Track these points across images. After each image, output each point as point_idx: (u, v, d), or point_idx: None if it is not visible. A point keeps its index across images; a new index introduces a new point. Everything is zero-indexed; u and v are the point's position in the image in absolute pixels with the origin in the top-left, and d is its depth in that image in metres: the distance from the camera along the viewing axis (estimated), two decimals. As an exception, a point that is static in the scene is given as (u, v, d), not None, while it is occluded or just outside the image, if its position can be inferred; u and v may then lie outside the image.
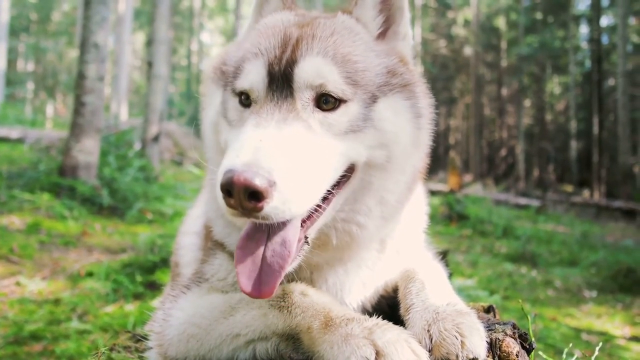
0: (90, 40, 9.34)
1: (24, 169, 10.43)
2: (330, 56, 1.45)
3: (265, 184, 1.18)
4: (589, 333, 6.99)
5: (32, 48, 44.36)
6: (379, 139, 1.47)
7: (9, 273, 5.83)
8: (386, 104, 1.50)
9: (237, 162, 1.20)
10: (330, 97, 1.43)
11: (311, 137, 1.38)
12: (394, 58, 1.56)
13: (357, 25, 1.59)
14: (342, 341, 1.27)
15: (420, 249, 1.92)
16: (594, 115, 36.16)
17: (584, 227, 18.18)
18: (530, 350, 1.44)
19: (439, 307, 1.41)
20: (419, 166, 1.66)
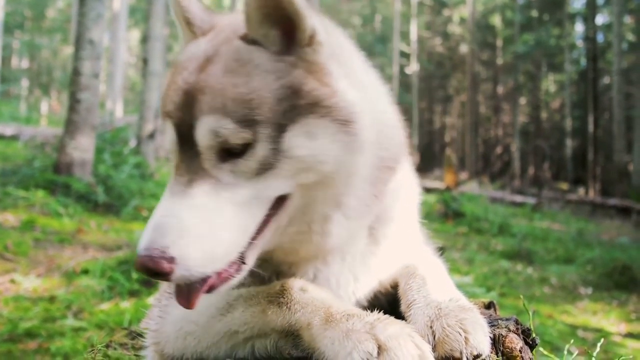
0: (85, 36, 9.29)
1: (18, 166, 10.39)
2: (220, 108, 1.36)
3: (163, 263, 1.26)
4: (585, 330, 7.02)
5: (26, 45, 44.22)
6: (298, 166, 1.38)
7: (4, 270, 5.81)
8: (296, 130, 1.37)
9: (140, 246, 1.29)
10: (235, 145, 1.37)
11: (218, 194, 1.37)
12: (300, 72, 1.40)
13: (250, 49, 1.44)
14: (343, 337, 1.25)
15: (419, 244, 1.89)
16: (589, 114, 36.28)
17: (580, 225, 18.26)
18: (534, 346, 1.43)
19: (442, 303, 1.38)
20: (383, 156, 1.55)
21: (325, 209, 1.47)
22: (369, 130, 1.46)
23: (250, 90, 1.36)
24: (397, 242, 1.74)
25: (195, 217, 1.33)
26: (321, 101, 1.38)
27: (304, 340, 1.36)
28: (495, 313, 1.81)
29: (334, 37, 1.56)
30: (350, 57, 1.58)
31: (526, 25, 41.93)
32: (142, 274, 1.32)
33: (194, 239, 1.30)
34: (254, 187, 1.38)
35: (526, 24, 41.93)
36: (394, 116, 1.68)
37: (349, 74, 1.50)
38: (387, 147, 1.56)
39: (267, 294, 1.49)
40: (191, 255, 1.29)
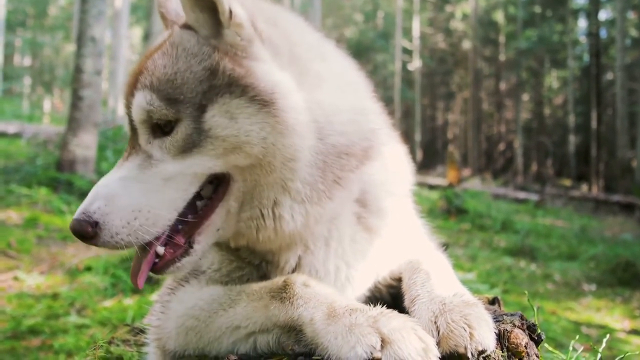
0: (87, 34, 9.30)
1: (21, 163, 10.41)
2: (148, 85, 1.48)
3: (87, 227, 1.40)
4: (589, 326, 6.99)
5: (28, 43, 44.27)
6: (223, 146, 1.44)
7: (7, 268, 5.82)
8: (215, 110, 1.44)
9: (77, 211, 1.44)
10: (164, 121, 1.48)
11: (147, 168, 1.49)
12: (218, 54, 1.48)
13: (183, 34, 1.54)
14: (346, 331, 1.24)
15: (422, 238, 1.88)
16: (593, 110, 36.19)
17: (583, 221, 18.21)
18: (539, 342, 1.41)
19: (446, 298, 1.37)
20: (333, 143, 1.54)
21: (272, 194, 1.50)
22: (302, 114, 1.48)
23: (175, 71, 1.47)
24: (397, 235, 1.74)
25: (123, 188, 1.46)
26: (236, 81, 1.45)
27: (306, 336, 1.35)
28: (499, 309, 1.80)
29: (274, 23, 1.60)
30: (297, 43, 1.61)
31: (529, 21, 41.80)
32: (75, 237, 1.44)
33: (119, 207, 1.42)
34: (181, 163, 1.46)
35: (529, 19, 41.80)
36: (363, 103, 1.68)
37: (285, 59, 1.54)
38: (344, 132, 1.56)
39: (270, 289, 1.49)
40: (114, 222, 1.41)
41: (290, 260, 1.63)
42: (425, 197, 20.14)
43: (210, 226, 1.51)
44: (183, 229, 1.52)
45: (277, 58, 1.52)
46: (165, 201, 1.46)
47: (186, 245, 1.51)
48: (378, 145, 1.65)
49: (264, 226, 1.53)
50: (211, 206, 1.52)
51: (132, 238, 1.43)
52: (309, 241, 1.62)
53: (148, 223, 1.44)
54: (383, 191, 1.69)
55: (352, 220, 1.66)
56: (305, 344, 1.36)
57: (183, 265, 1.51)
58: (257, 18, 1.53)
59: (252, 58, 1.49)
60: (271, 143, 1.44)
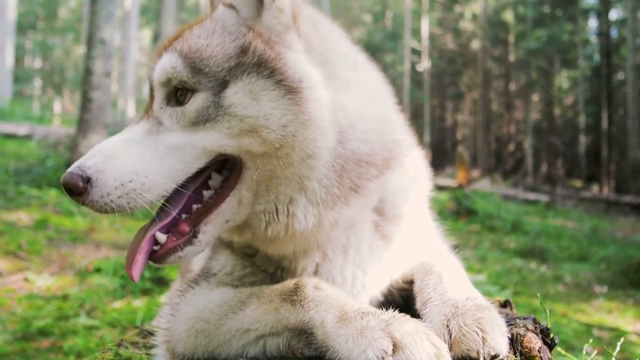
0: (96, 35, 9.34)
1: (31, 165, 10.47)
2: (177, 51, 1.49)
3: (78, 180, 1.37)
4: (600, 329, 6.92)
5: (39, 45, 44.60)
6: (240, 126, 1.43)
7: (17, 269, 5.84)
8: (238, 87, 1.44)
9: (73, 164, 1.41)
10: (182, 90, 1.48)
11: (154, 133, 1.48)
12: (252, 34, 1.50)
13: (225, 12, 1.57)
14: (357, 334, 1.23)
15: (435, 241, 1.87)
16: (603, 110, 35.94)
17: (594, 222, 18.07)
18: (553, 346, 1.39)
19: (458, 302, 1.36)
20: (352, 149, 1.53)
21: (289, 190, 1.49)
22: (326, 110, 1.47)
23: (207, 43, 1.49)
24: (411, 239, 1.73)
25: (124, 149, 1.44)
26: (265, 62, 1.45)
27: (317, 339, 1.34)
28: (512, 312, 1.78)
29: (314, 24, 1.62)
30: (331, 49, 1.62)
31: (539, 21, 41.57)
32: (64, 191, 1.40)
33: (115, 166, 1.40)
34: (191, 135, 1.45)
35: (539, 19, 41.58)
36: (387, 115, 1.67)
37: (317, 58, 1.55)
38: (365, 140, 1.55)
39: (281, 291, 1.49)
40: (108, 181, 1.38)
41: (307, 268, 1.62)
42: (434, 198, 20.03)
43: (219, 216, 1.49)
44: (189, 218, 1.50)
45: (310, 54, 1.53)
46: (165, 169, 1.43)
47: (191, 234, 1.48)
48: (399, 156, 1.65)
49: (276, 221, 1.51)
50: (222, 194, 1.49)
51: (123, 201, 1.39)
52: (327, 248, 1.61)
53: (143, 188, 1.41)
54: (401, 197, 1.69)
55: (369, 228, 1.65)
56: (315, 347, 1.35)
57: (185, 255, 1.48)
58: (300, 13, 1.56)
59: (286, 45, 1.50)
60: (291, 133, 1.43)
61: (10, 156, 12.34)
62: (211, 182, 1.53)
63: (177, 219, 1.49)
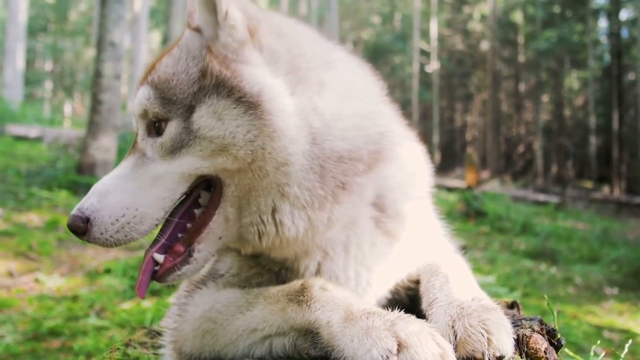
0: (106, 38, 9.40)
1: (42, 167, 10.56)
2: (149, 82, 1.54)
3: (79, 222, 1.47)
4: (611, 331, 6.88)
5: (49, 48, 44.95)
6: (211, 147, 1.46)
7: (28, 270, 5.89)
8: (203, 111, 1.47)
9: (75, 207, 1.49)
10: (157, 120, 1.53)
11: (139, 166, 1.54)
12: (210, 55, 1.51)
13: (190, 36, 1.58)
14: (363, 334, 1.24)
15: (441, 241, 1.87)
16: (614, 110, 35.68)
17: (604, 224, 17.94)
18: (559, 347, 1.39)
19: (464, 303, 1.36)
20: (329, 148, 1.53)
21: (269, 200, 1.50)
22: (293, 118, 1.48)
23: (173, 72, 1.52)
24: (416, 238, 1.72)
25: (115, 185, 1.51)
26: (222, 82, 1.47)
27: (323, 339, 1.35)
28: (519, 313, 1.78)
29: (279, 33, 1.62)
30: (299, 54, 1.61)
31: (548, 21, 41.37)
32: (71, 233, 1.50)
33: (109, 204, 1.47)
34: (169, 163, 1.49)
35: (548, 20, 41.37)
36: (370, 108, 1.66)
37: (283, 67, 1.55)
38: (344, 137, 1.55)
39: (287, 292, 1.49)
40: (104, 219, 1.46)
41: (310, 267, 1.62)
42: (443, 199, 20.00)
43: (209, 234, 1.53)
44: (182, 238, 1.54)
45: (273, 65, 1.54)
46: (153, 200, 1.49)
47: (186, 253, 1.52)
48: (390, 148, 1.64)
49: (266, 232, 1.53)
50: (208, 214, 1.53)
51: (120, 235, 1.47)
52: (327, 247, 1.61)
53: (135, 221, 1.47)
54: (401, 194, 1.68)
55: (370, 225, 1.65)
56: (321, 347, 1.35)
57: (184, 273, 1.53)
58: (261, 26, 1.57)
59: (242, 61, 1.51)
60: (259, 146, 1.45)
61: (21, 158, 12.45)
62: (201, 200, 1.57)
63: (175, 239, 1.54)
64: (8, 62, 24.77)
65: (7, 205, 8.18)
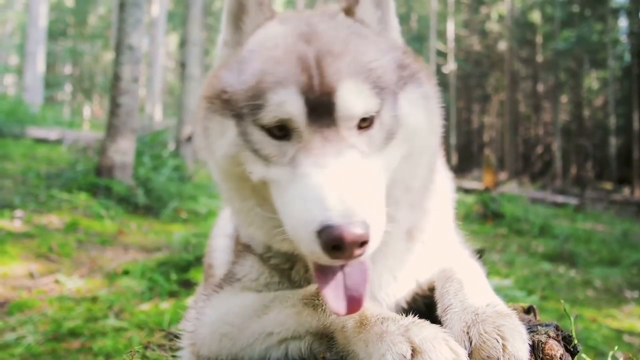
0: (125, 42, 9.49)
1: (62, 169, 10.67)
2: (359, 73, 1.38)
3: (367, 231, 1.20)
4: (631, 334, 6.79)
5: (69, 51, 45.46)
6: (405, 134, 1.45)
7: (48, 271, 5.96)
8: (404, 98, 1.46)
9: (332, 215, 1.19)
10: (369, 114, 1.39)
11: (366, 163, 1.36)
12: (399, 50, 1.55)
13: (361, 26, 1.55)
14: (377, 339, 1.24)
15: (456, 246, 1.87)
16: (635, 110, 35.21)
17: (625, 226, 17.70)
18: (575, 353, 1.38)
19: (479, 309, 1.36)
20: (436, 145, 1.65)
21: (398, 192, 1.51)
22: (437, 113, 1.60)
23: (374, 59, 1.43)
24: (433, 243, 1.73)
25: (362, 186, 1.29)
26: (415, 73, 1.52)
27: (338, 343, 1.36)
28: (535, 318, 1.77)
29: None
30: None
31: (567, 21, 40.95)
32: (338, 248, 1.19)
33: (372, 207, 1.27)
34: (382, 157, 1.40)
35: (567, 19, 40.95)
36: None
37: None
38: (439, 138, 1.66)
39: (303, 296, 1.51)
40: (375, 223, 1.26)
41: None
42: (461, 201, 19.87)
43: None
44: None
45: None
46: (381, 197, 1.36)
47: None
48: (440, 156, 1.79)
49: None
50: None
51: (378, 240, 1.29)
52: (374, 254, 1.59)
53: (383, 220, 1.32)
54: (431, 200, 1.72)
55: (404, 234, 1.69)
56: (336, 351, 1.37)
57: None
58: None
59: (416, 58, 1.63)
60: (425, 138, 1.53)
61: (41, 160, 12.62)
62: None
63: None
64: (28, 66, 25.12)
65: (27, 207, 8.29)
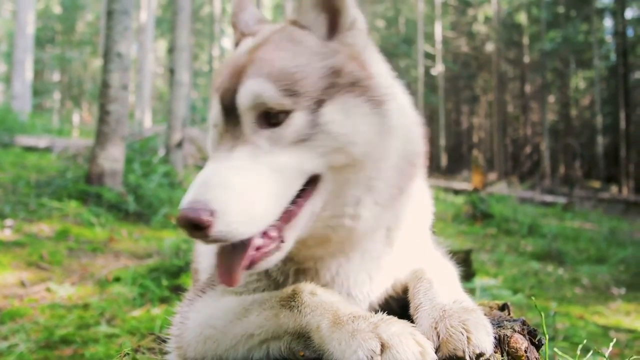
0: (113, 50, 9.51)
1: (52, 177, 10.65)
2: (264, 75, 1.49)
3: (205, 214, 1.31)
4: (617, 331, 6.89)
5: (57, 58, 45.23)
6: (332, 144, 1.48)
7: (40, 279, 5.98)
8: (334, 106, 1.49)
9: (184, 201, 1.36)
10: (274, 112, 1.48)
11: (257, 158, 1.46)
12: (342, 55, 1.56)
13: (301, 33, 1.61)
14: (349, 337, 1.31)
15: (428, 247, 1.95)
16: (621, 110, 35.56)
17: (612, 224, 17.90)
18: (540, 346, 1.47)
19: (446, 305, 1.44)
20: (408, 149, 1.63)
21: (357, 192, 1.55)
22: (397, 116, 1.59)
23: (295, 64, 1.50)
24: (408, 245, 1.80)
25: (236, 176, 1.41)
26: (359, 81, 1.53)
27: (314, 342, 1.43)
28: (509, 314, 1.85)
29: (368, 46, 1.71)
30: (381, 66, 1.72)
31: (553, 22, 41.30)
32: (183, 229, 1.35)
33: (235, 195, 1.37)
34: (290, 157, 1.46)
35: (553, 20, 41.31)
36: (413, 112, 1.77)
37: (380, 63, 1.69)
38: (411, 140, 1.66)
39: (280, 298, 1.57)
40: (232, 210, 1.35)
41: (331, 269, 1.68)
42: (450, 202, 19.99)
43: (297, 223, 1.52)
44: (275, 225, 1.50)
45: (379, 63, 1.69)
46: (276, 194, 1.44)
47: (279, 240, 1.50)
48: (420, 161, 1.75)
49: (342, 225, 1.57)
50: (299, 205, 1.52)
51: (246, 227, 1.37)
52: (352, 250, 1.68)
53: (263, 214, 1.41)
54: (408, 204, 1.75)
55: (383, 233, 1.72)
56: (314, 350, 1.43)
57: (271, 260, 1.51)
58: None
59: (369, 61, 1.62)
60: (373, 144, 1.52)
61: (31, 169, 12.57)
62: None
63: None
64: (17, 74, 24.99)
65: (18, 215, 8.29)
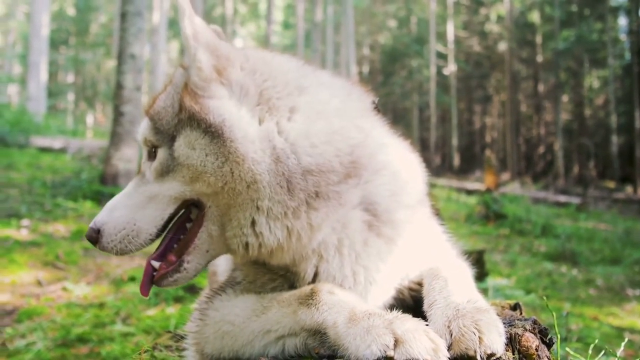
0: (127, 51, 9.61)
1: (67, 178, 10.77)
2: (150, 115, 1.78)
3: (93, 233, 1.73)
4: (632, 332, 6.85)
5: (71, 60, 45.69)
6: (189, 174, 1.64)
7: (56, 279, 6.06)
8: (181, 140, 1.67)
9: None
10: (153, 147, 1.76)
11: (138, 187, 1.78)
12: (184, 91, 1.70)
13: (179, 75, 1.79)
14: (364, 332, 1.36)
15: (443, 246, 1.98)
16: (636, 109, 35.22)
17: (627, 224, 17.74)
18: (551, 345, 1.49)
19: (460, 305, 1.47)
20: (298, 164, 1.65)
21: (248, 213, 1.66)
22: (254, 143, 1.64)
23: (164, 105, 1.76)
24: (416, 244, 1.83)
25: (120, 202, 1.77)
26: (193, 115, 1.66)
27: (330, 338, 1.48)
28: (520, 314, 1.87)
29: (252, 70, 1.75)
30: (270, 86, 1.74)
31: (566, 20, 41.02)
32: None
33: (113, 218, 1.72)
34: (160, 186, 1.71)
35: (566, 19, 41.02)
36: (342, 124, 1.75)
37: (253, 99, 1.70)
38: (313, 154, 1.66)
39: (299, 296, 1.63)
40: (110, 230, 1.71)
41: (308, 270, 1.75)
42: (463, 202, 19.92)
43: (196, 249, 1.72)
44: (175, 249, 1.75)
45: (243, 98, 1.70)
46: (147, 217, 1.72)
47: (177, 263, 1.72)
48: (369, 157, 1.75)
49: (249, 243, 1.69)
50: (193, 231, 1.73)
51: (121, 245, 1.71)
52: (321, 250, 1.74)
53: (133, 234, 1.70)
54: (394, 202, 1.78)
55: (362, 228, 1.75)
56: (328, 346, 1.48)
57: (175, 280, 1.74)
58: (230, 64, 1.73)
59: (209, 96, 1.68)
60: (228, 171, 1.62)
61: (46, 169, 12.72)
62: (192, 216, 1.75)
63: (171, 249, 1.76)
64: (32, 76, 25.29)
65: (34, 216, 8.40)
